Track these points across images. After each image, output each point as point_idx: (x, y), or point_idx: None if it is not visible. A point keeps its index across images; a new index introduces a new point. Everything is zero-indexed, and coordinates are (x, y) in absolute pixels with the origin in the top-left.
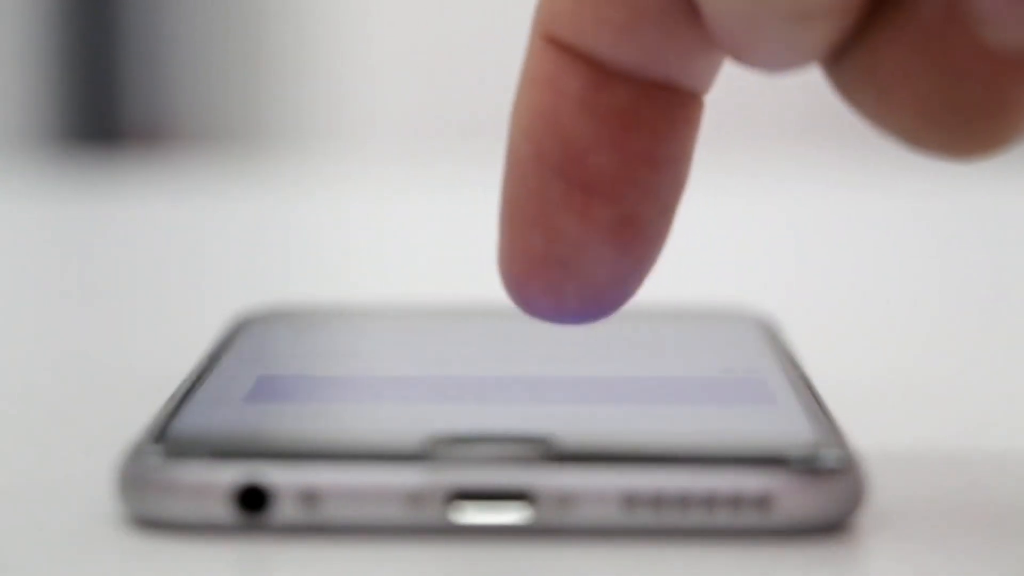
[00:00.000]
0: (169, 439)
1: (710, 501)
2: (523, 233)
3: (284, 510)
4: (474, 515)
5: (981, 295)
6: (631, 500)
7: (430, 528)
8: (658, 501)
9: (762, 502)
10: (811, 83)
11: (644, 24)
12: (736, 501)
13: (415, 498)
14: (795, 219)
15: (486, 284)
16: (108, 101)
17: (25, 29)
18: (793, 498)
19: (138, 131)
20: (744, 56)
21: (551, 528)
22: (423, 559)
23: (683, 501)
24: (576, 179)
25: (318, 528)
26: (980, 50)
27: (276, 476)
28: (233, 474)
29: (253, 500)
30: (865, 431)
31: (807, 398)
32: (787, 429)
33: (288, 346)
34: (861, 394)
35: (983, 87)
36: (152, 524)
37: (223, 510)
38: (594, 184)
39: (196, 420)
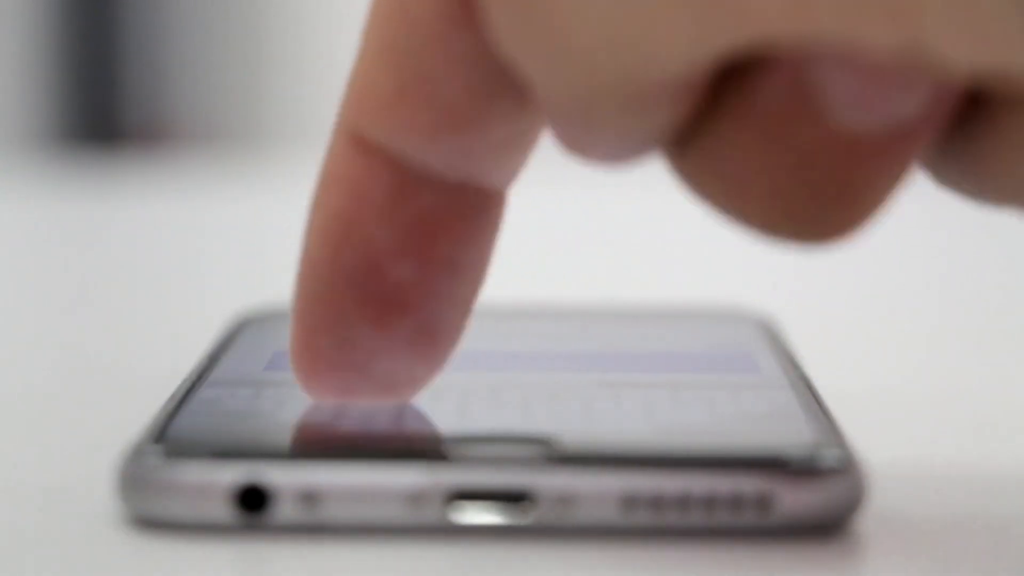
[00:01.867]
0: (169, 439)
1: (710, 501)
2: (315, 335)
3: (284, 510)
4: (474, 515)
5: (982, 296)
6: (631, 500)
7: (430, 528)
8: (658, 501)
9: (762, 502)
10: None
11: (461, 124)
12: (736, 501)
13: (415, 498)
14: None
15: (486, 283)
16: (108, 101)
17: (25, 29)
18: (793, 498)
19: (138, 131)
20: (580, 149)
21: (551, 528)
22: (423, 559)
23: (683, 501)
24: (373, 291)
25: (318, 528)
26: (828, 135)
27: (276, 476)
28: (233, 474)
29: (253, 500)
30: (865, 431)
31: (807, 398)
32: (787, 429)
33: (287, 346)
34: (861, 394)
35: (833, 173)
36: (152, 524)
37: (223, 510)
38: (392, 296)
39: (196, 420)
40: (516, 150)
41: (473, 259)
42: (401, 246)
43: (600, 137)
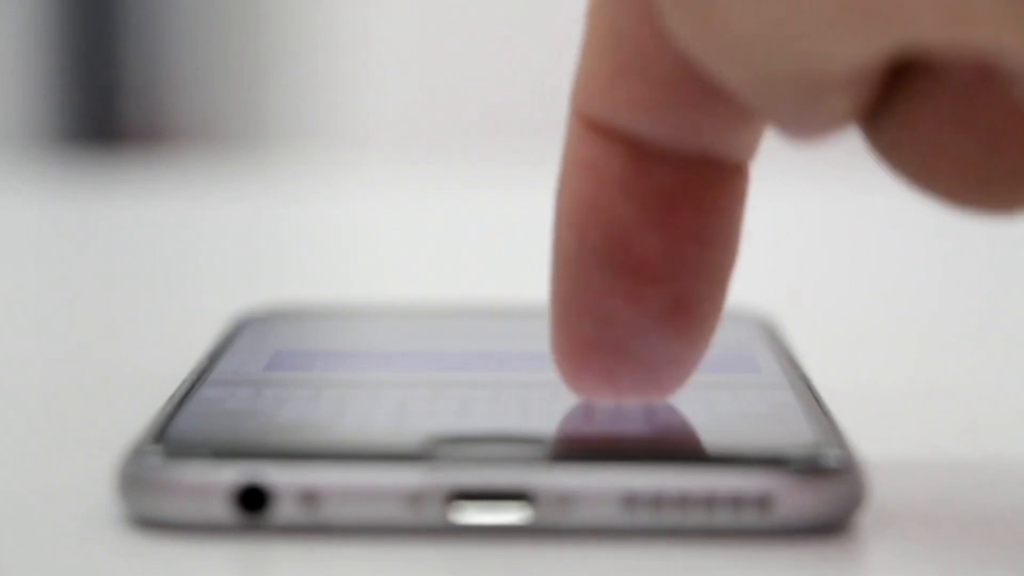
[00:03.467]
0: (169, 439)
1: (710, 501)
2: (574, 321)
3: (284, 510)
4: (474, 515)
5: (981, 296)
6: (631, 500)
7: (430, 528)
8: (658, 501)
9: (762, 502)
10: None
11: (680, 100)
12: (736, 501)
13: (415, 498)
14: (795, 219)
15: (486, 284)
16: (108, 101)
17: (25, 29)
18: (793, 498)
19: (138, 131)
20: (775, 124)
21: (551, 528)
22: (423, 559)
23: (683, 501)
24: (623, 265)
25: (318, 528)
26: (1014, 111)
27: (276, 476)
28: (233, 474)
29: (253, 500)
30: (865, 431)
31: (807, 398)
32: (787, 429)
33: (287, 346)
34: (861, 394)
35: (1017, 146)
36: (152, 524)
37: (223, 510)
38: (642, 268)
39: (196, 420)
40: (745, 125)
41: (720, 230)
42: (644, 219)
43: (790, 119)
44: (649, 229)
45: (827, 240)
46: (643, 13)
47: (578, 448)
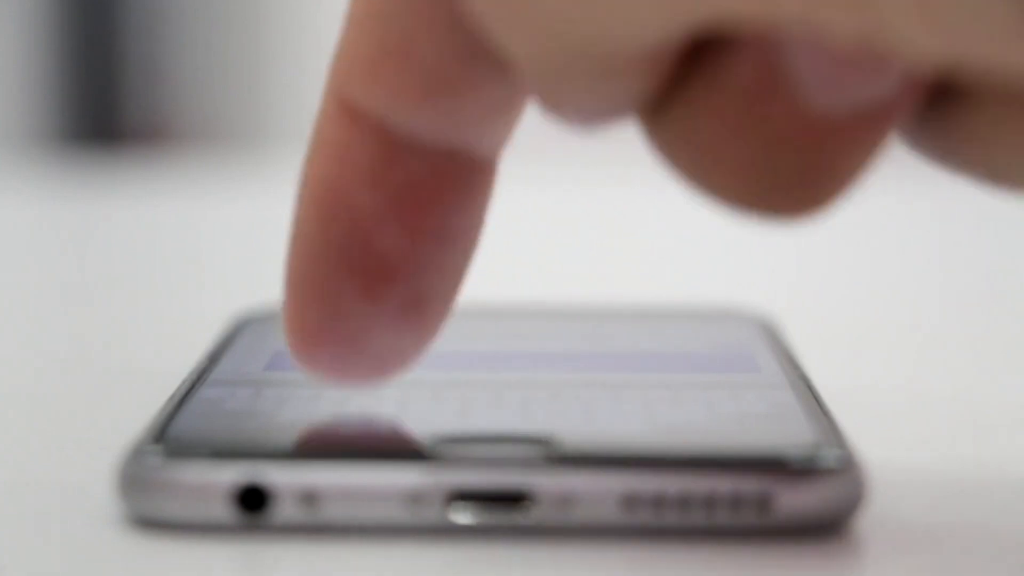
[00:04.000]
0: (169, 439)
1: (710, 501)
2: (307, 307)
3: (284, 510)
4: (474, 515)
5: (982, 296)
6: (631, 500)
7: (430, 528)
8: (658, 501)
9: (762, 502)
10: None
11: (443, 87)
12: (736, 501)
13: (415, 498)
14: None
15: (486, 283)
16: (108, 101)
17: (25, 29)
18: (793, 498)
19: (138, 131)
20: (555, 109)
21: (551, 528)
22: (423, 559)
23: (683, 501)
24: (362, 261)
25: (318, 528)
26: (798, 113)
27: (276, 476)
28: (233, 474)
29: (253, 500)
30: (865, 431)
31: (807, 398)
32: (787, 429)
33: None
34: (861, 394)
35: (803, 150)
36: (152, 524)
37: (223, 510)
38: (381, 267)
39: (196, 420)
40: (502, 116)
41: (463, 229)
42: (388, 213)
43: (572, 101)
44: (392, 224)
45: (827, 240)
46: None
47: (578, 448)
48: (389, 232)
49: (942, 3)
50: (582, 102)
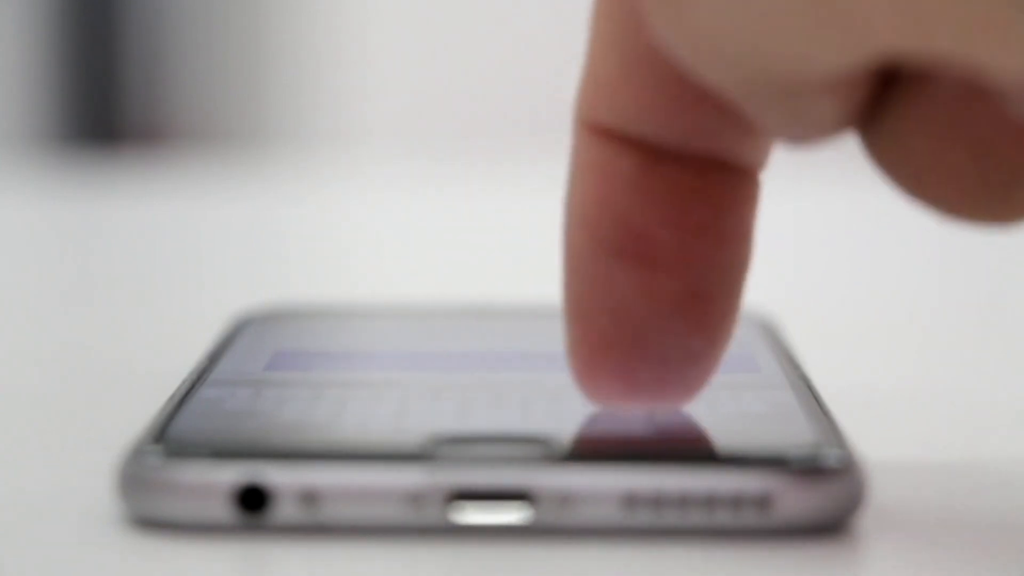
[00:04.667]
0: (169, 439)
1: (710, 501)
2: (589, 320)
3: (284, 510)
4: (474, 515)
5: (981, 295)
6: (631, 500)
7: (430, 528)
8: (658, 501)
9: (762, 502)
10: None
11: (684, 103)
12: (736, 501)
13: (415, 498)
14: (795, 219)
15: (486, 283)
16: (108, 101)
17: (25, 29)
18: (793, 498)
19: (138, 131)
20: (767, 128)
21: (551, 528)
22: (423, 559)
23: (683, 501)
24: (636, 256)
25: (318, 528)
26: (1005, 124)
27: (276, 476)
28: (233, 474)
29: (253, 500)
30: (865, 431)
31: (807, 398)
32: (787, 429)
33: (287, 346)
34: (861, 394)
35: (1011, 160)
36: (152, 524)
37: (223, 510)
38: (656, 259)
39: (196, 420)
40: (750, 130)
41: (730, 229)
42: (655, 214)
43: (781, 123)
44: (660, 224)
45: (827, 240)
46: (640, 19)
47: (578, 448)
48: (658, 231)
49: None
50: (786, 121)
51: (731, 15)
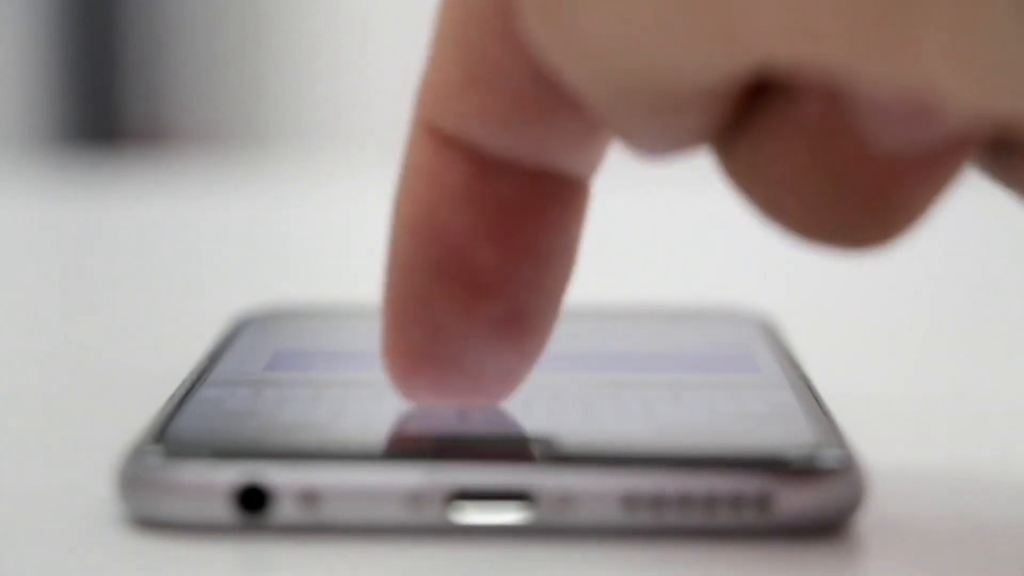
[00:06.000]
0: (169, 439)
1: (710, 501)
2: (405, 328)
3: (284, 510)
4: (474, 515)
5: (982, 297)
6: (631, 500)
7: (430, 528)
8: (658, 501)
9: (762, 502)
10: None
11: (528, 112)
12: (736, 501)
13: (415, 498)
14: None
15: None
16: (108, 101)
17: (25, 29)
18: (793, 498)
19: (138, 131)
20: (625, 140)
21: (551, 528)
22: (423, 559)
23: (683, 501)
24: (458, 277)
25: (318, 528)
26: (865, 151)
27: (276, 476)
28: (233, 474)
29: (253, 500)
30: (865, 432)
31: (807, 398)
32: (787, 429)
33: (287, 346)
34: (861, 394)
35: (870, 187)
36: (152, 524)
37: (223, 510)
38: (477, 281)
39: (196, 420)
40: (591, 140)
41: (557, 247)
42: (482, 232)
43: (638, 132)
44: (486, 242)
45: None
46: (497, 21)
47: (578, 448)
48: (482, 248)
49: (980, 58)
50: (649, 133)
51: (611, 20)
